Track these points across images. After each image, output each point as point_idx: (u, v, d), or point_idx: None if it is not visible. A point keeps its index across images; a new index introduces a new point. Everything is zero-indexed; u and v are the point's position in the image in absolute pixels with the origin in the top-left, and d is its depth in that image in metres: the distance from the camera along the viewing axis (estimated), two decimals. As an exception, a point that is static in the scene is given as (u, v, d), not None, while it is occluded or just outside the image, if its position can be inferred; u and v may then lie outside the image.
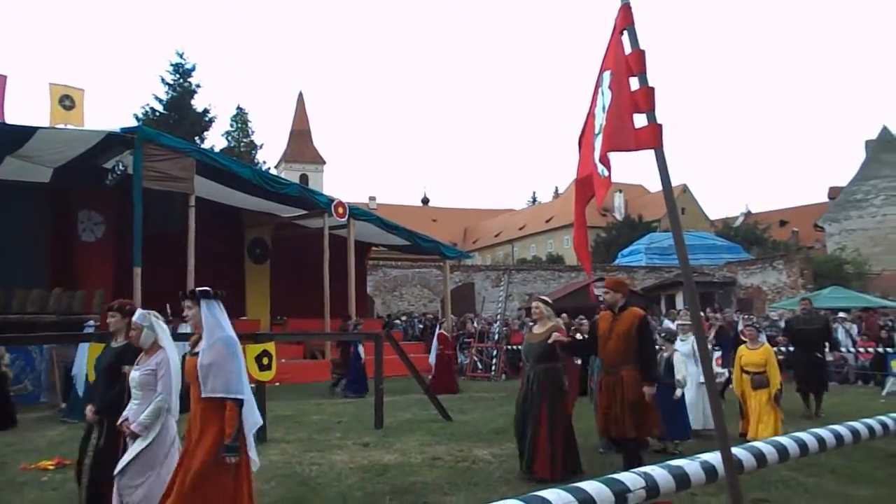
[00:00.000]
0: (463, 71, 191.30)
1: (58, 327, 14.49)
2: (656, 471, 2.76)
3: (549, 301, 7.36)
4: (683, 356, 8.88)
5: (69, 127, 17.25)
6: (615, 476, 2.61)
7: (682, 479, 2.83)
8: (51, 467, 7.72)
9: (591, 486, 2.47)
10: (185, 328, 10.08)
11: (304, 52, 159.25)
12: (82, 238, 18.39)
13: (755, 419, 8.60)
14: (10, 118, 17.23)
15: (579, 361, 10.27)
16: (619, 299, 6.56)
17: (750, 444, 3.30)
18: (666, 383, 8.04)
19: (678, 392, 8.20)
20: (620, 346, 6.35)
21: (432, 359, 15.93)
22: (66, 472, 7.53)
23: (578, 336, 9.40)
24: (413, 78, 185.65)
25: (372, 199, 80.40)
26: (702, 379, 8.98)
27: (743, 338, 9.55)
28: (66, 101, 18.66)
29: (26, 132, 14.42)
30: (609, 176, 3.08)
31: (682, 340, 9.32)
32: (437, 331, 17.35)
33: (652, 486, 2.66)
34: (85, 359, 12.88)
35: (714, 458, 3.00)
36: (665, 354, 8.57)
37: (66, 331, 14.14)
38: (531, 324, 7.58)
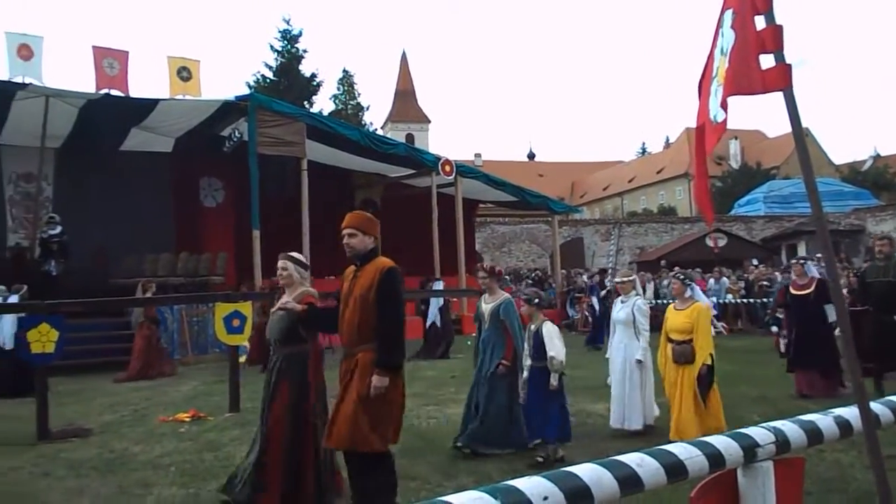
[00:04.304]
0: (568, 19, 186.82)
1: (185, 289, 15.36)
2: (787, 425, 2.67)
3: (303, 259, 5.43)
4: (620, 324, 7.17)
5: (187, 97, 18.02)
6: (744, 430, 2.53)
7: (814, 433, 2.72)
8: (187, 419, 8.22)
9: (719, 441, 2.42)
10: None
11: (405, 11, 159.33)
12: (204, 203, 19.43)
13: (675, 409, 6.45)
14: (134, 92, 18.09)
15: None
16: (369, 245, 4.50)
17: (887, 397, 3.12)
18: (537, 367, 6.14)
19: (553, 380, 6.04)
20: (357, 316, 4.38)
21: None
22: (202, 423, 8.05)
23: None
24: (516, 30, 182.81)
25: (477, 156, 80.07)
26: (638, 356, 6.96)
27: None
28: (184, 72, 19.40)
29: (149, 104, 15.28)
30: (724, 120, 2.92)
31: (622, 302, 7.31)
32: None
33: (783, 441, 2.57)
34: None
35: (849, 412, 2.87)
36: (532, 326, 6.33)
37: (193, 292, 14.99)
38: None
